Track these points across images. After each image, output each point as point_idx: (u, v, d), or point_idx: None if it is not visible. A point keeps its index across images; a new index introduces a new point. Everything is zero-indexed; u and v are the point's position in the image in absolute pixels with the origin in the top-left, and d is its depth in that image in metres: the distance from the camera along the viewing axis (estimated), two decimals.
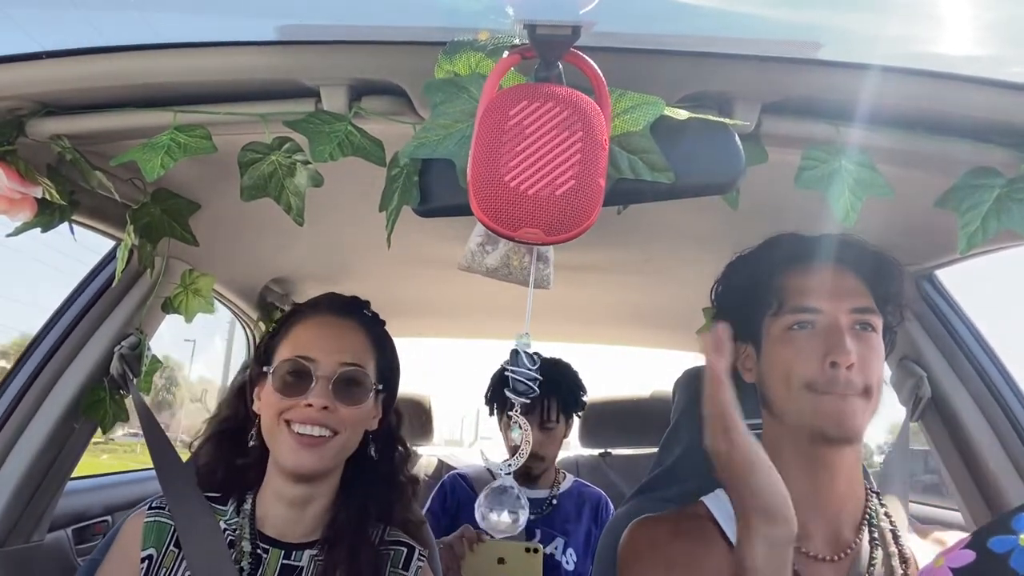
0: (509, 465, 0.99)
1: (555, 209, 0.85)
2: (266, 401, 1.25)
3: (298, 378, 1.23)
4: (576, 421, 2.49)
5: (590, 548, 2.28)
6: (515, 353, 0.95)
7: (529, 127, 0.85)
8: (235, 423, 1.33)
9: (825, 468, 1.13)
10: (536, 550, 2.02)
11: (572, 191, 0.85)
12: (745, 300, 1.20)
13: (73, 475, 1.67)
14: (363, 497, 1.31)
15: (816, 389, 1.09)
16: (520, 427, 1.00)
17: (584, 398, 2.43)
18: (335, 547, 1.24)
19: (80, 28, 1.00)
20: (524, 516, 0.98)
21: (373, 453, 1.35)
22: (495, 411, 2.42)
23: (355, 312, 1.36)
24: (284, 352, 1.27)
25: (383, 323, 1.41)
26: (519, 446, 1.00)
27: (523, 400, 0.95)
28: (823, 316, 1.12)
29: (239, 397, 1.33)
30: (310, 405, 1.21)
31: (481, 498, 0.99)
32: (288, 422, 1.22)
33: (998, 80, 1.03)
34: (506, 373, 0.95)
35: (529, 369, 0.94)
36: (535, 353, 0.96)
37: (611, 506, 2.40)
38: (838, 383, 1.08)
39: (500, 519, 0.98)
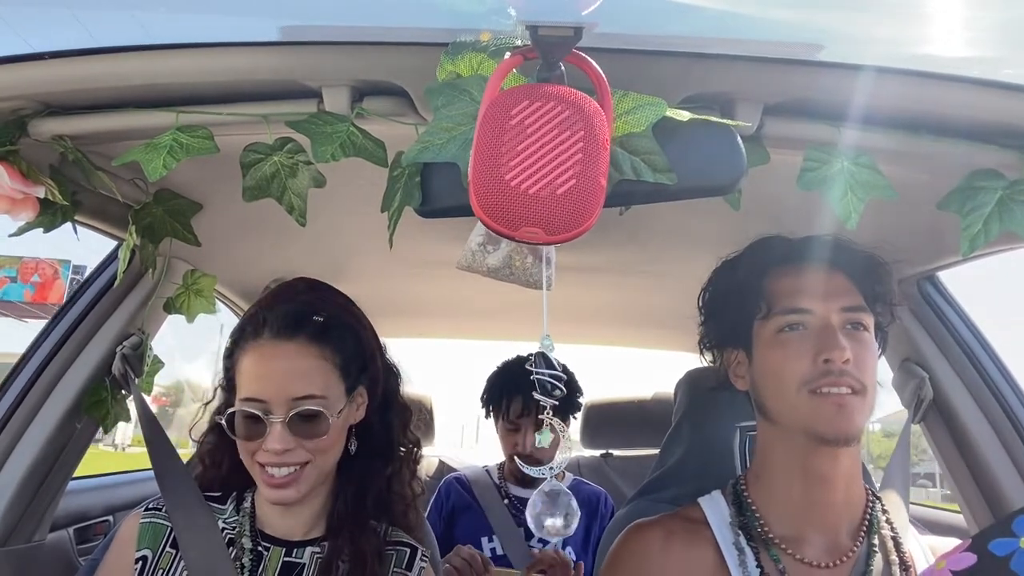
0: (551, 468, 1.00)
1: (556, 209, 0.84)
2: (236, 439, 1.22)
3: (253, 423, 1.18)
4: (574, 423, 2.48)
5: (589, 545, 2.29)
6: (540, 356, 0.96)
7: (530, 127, 0.85)
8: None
9: (822, 474, 1.11)
10: None
11: (573, 191, 0.84)
12: (733, 305, 1.18)
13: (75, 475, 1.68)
14: (360, 488, 1.29)
15: (811, 390, 1.07)
16: (554, 429, 1.00)
17: (580, 399, 2.42)
18: (336, 538, 1.24)
19: (80, 29, 1.00)
20: (576, 519, 0.99)
21: (364, 435, 1.31)
22: (491, 413, 2.41)
23: (300, 329, 1.23)
24: (239, 390, 1.22)
25: (337, 319, 1.28)
26: (547, 448, 1.01)
27: (552, 401, 0.96)
28: (814, 317, 1.10)
29: (230, 388, 1.28)
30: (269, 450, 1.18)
31: (534, 503, 0.99)
32: (259, 462, 1.19)
33: (1000, 81, 1.03)
34: (533, 377, 0.96)
35: (554, 370, 0.95)
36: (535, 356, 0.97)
37: (610, 502, 2.41)
38: (833, 381, 1.06)
39: (555, 523, 0.99)
